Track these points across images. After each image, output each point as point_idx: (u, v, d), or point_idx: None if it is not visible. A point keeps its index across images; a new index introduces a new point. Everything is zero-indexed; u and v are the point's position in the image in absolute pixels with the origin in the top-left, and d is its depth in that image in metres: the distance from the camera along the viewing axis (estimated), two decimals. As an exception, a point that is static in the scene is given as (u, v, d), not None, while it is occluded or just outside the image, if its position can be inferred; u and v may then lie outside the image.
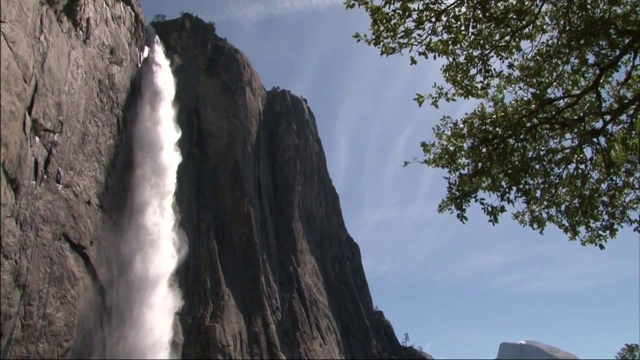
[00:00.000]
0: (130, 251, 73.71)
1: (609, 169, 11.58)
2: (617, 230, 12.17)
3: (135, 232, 76.13)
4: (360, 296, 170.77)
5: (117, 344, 67.25)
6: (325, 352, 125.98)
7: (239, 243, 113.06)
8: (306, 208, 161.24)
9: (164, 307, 77.30)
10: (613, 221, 12.18)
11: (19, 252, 50.04)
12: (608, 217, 12.26)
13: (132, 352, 68.60)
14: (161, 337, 74.38)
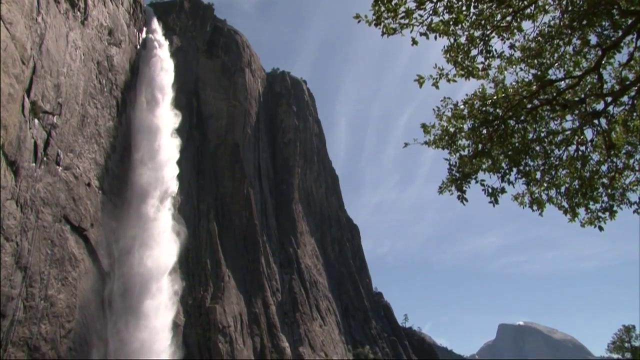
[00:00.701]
0: (130, 234, 73.83)
1: (610, 151, 11.55)
2: (616, 212, 12.18)
3: (135, 216, 76.17)
4: (359, 277, 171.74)
5: (118, 326, 67.74)
6: (325, 333, 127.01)
7: (239, 225, 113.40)
8: (306, 190, 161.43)
9: (165, 291, 77.62)
10: (613, 203, 12.18)
11: (19, 234, 50.16)
12: (608, 199, 12.25)
13: (133, 336, 69.09)
14: (162, 327, 74.80)
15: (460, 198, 12.08)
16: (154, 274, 75.42)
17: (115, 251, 70.22)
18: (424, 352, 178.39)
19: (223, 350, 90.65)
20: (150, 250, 75.69)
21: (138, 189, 78.56)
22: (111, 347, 65.53)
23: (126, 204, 75.78)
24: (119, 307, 68.74)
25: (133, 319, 70.13)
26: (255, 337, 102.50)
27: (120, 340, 67.27)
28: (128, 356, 67.31)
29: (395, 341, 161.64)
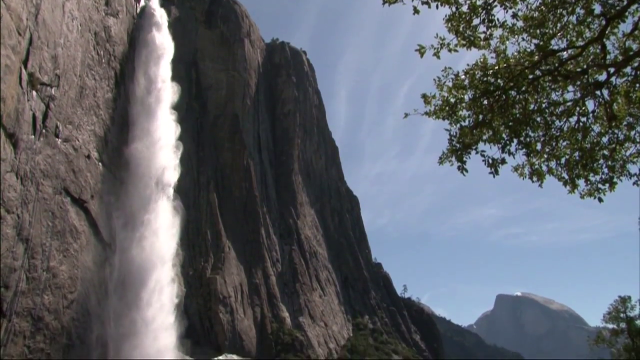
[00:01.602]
0: (130, 209, 73.85)
1: (611, 122, 11.46)
2: (616, 183, 12.15)
3: (134, 191, 76.04)
4: (359, 248, 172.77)
5: (120, 296, 68.36)
6: (324, 303, 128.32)
7: (239, 196, 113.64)
8: (306, 161, 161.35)
9: (166, 265, 78.01)
10: (612, 175, 12.14)
11: (20, 206, 50.29)
12: (608, 171, 12.21)
13: (134, 306, 69.70)
14: (163, 300, 75.34)
15: (461, 169, 12.06)
16: (155, 250, 75.70)
17: (116, 223, 70.41)
18: (423, 322, 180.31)
19: (224, 320, 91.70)
20: (150, 228, 75.87)
21: (136, 164, 78.20)
22: (113, 317, 66.25)
23: (125, 177, 75.64)
24: (121, 278, 69.27)
25: (135, 290, 70.68)
26: (255, 307, 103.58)
27: (123, 311, 67.95)
28: (130, 326, 68.06)
29: (394, 311, 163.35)
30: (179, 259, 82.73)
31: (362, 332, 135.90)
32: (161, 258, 76.48)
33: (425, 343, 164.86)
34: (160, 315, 73.75)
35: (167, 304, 76.14)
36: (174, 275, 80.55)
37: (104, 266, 66.35)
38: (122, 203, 72.69)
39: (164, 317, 74.31)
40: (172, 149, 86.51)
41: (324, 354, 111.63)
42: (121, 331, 66.64)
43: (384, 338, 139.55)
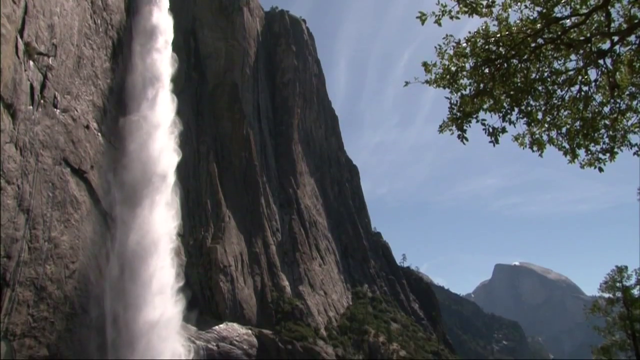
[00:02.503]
0: (129, 179, 73.71)
1: (613, 92, 11.38)
2: (617, 153, 12.12)
3: (135, 159, 75.77)
4: (359, 217, 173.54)
5: (121, 266, 68.83)
6: (324, 272, 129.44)
7: (239, 165, 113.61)
8: (305, 130, 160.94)
9: (167, 234, 78.27)
10: (613, 144, 12.11)
11: (20, 177, 50.33)
12: (609, 141, 12.18)
13: (136, 275, 70.20)
14: (164, 268, 75.83)
15: (461, 137, 12.03)
16: (156, 221, 75.85)
17: (116, 193, 70.44)
18: (421, 291, 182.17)
19: (224, 289, 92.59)
20: (149, 200, 75.88)
21: (135, 135, 77.68)
22: (116, 287, 66.85)
23: (124, 148, 75.25)
24: (123, 248, 69.63)
25: (137, 260, 71.07)
26: (255, 276, 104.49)
27: (125, 281, 68.49)
28: (133, 296, 68.68)
29: (393, 280, 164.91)
30: (180, 229, 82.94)
31: (362, 300, 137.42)
32: (162, 228, 76.73)
33: (424, 311, 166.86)
34: (162, 284, 74.32)
35: (169, 273, 76.70)
36: (175, 246, 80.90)
37: (105, 236, 66.69)
38: (122, 174, 72.63)
39: (166, 287, 74.90)
40: (171, 123, 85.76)
41: (324, 322, 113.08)
42: (123, 301, 67.28)
43: (383, 306, 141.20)
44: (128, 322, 66.88)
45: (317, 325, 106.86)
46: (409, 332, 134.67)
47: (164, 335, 71.68)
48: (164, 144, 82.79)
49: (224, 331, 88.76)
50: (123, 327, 66.09)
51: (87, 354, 59.49)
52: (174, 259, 79.52)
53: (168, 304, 74.86)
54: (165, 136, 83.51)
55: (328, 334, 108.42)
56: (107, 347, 62.87)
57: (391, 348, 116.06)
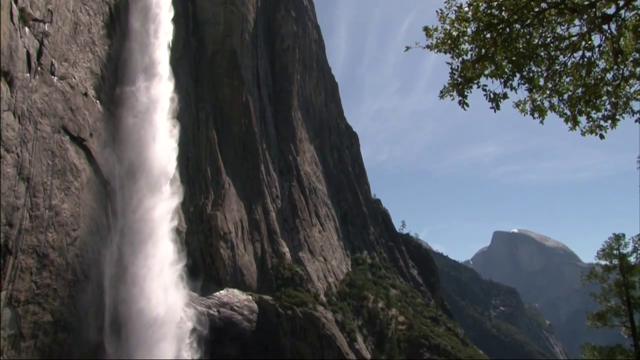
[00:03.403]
0: (129, 143, 73.45)
1: (617, 58, 11.22)
2: (618, 120, 12.01)
3: (133, 124, 75.34)
4: (358, 184, 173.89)
5: (123, 233, 69.18)
6: (324, 239, 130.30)
7: (238, 132, 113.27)
8: (305, 97, 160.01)
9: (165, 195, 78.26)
10: (615, 111, 12.01)
11: (19, 145, 50.27)
12: (611, 107, 12.08)
13: (136, 238, 70.62)
14: (165, 234, 76.10)
15: (462, 103, 11.92)
16: (154, 175, 75.78)
17: (115, 159, 70.30)
18: (420, 257, 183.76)
19: (225, 256, 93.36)
20: (148, 155, 75.63)
21: (133, 101, 76.90)
22: (118, 254, 67.34)
23: (123, 115, 74.64)
24: (122, 211, 69.87)
25: (138, 227, 71.37)
26: (255, 242, 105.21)
27: (126, 248, 68.91)
28: (134, 262, 69.22)
29: (392, 247, 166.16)
30: (180, 195, 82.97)
31: (361, 266, 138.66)
32: (162, 196, 76.81)
33: (423, 278, 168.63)
34: (164, 251, 74.81)
35: (169, 240, 77.13)
36: (175, 213, 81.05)
37: (106, 204, 66.89)
38: (120, 141, 72.35)
39: (167, 253, 75.41)
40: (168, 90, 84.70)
41: (324, 288, 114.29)
42: (125, 267, 67.85)
43: (382, 273, 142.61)
44: (130, 288, 67.51)
45: (316, 291, 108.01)
46: (407, 298, 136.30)
47: (166, 298, 72.52)
48: (162, 123, 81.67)
49: (225, 297, 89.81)
50: (124, 294, 66.75)
51: (89, 319, 60.34)
52: (174, 227, 79.74)
53: (169, 271, 75.53)
54: (163, 114, 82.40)
55: (328, 300, 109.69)
56: (107, 313, 63.63)
57: (390, 314, 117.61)
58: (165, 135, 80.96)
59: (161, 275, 72.58)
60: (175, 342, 72.20)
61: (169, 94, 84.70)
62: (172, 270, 76.59)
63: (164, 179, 78.17)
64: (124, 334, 65.48)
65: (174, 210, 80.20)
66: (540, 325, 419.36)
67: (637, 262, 28.03)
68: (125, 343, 65.15)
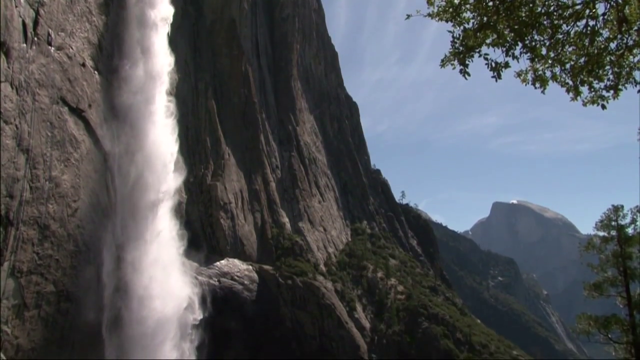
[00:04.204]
0: (127, 119, 72.81)
1: (621, 27, 11.07)
2: (621, 90, 11.91)
3: (132, 93, 74.57)
4: (358, 155, 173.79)
5: (123, 203, 69.26)
6: (323, 209, 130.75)
7: (238, 102, 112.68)
8: (305, 66, 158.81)
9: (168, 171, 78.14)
10: (618, 81, 11.91)
11: (18, 117, 50.05)
12: (613, 78, 11.97)
13: (137, 205, 70.67)
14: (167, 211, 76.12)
15: (463, 72, 11.81)
16: (156, 159, 75.49)
17: (115, 129, 69.91)
18: (420, 227, 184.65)
19: (225, 226, 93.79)
20: (146, 124, 75.11)
21: (131, 70, 75.90)
22: (118, 224, 67.58)
23: (121, 84, 73.90)
24: (124, 186, 69.82)
25: (138, 197, 71.36)
26: (255, 212, 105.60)
27: (127, 219, 69.10)
28: (135, 232, 69.44)
29: (392, 217, 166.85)
30: (181, 173, 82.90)
31: (360, 237, 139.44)
32: (162, 165, 76.64)
33: (422, 248, 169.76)
34: (165, 222, 75.02)
35: (169, 212, 77.24)
36: (177, 185, 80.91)
37: (106, 175, 66.84)
38: (119, 111, 71.82)
39: (166, 225, 75.63)
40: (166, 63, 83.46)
41: (323, 257, 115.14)
42: (126, 237, 68.12)
43: (381, 243, 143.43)
44: (130, 259, 67.88)
45: (316, 260, 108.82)
46: (407, 268, 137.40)
47: (166, 270, 72.92)
48: (161, 94, 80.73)
49: (225, 267, 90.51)
50: (126, 264, 67.15)
51: (92, 290, 60.86)
52: (174, 196, 79.76)
53: (169, 241, 75.82)
54: (162, 89, 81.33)
55: (327, 270, 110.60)
56: (109, 284, 64.05)
57: (389, 283, 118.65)
58: (163, 114, 79.96)
59: (161, 253, 72.72)
60: (176, 320, 72.41)
61: (168, 66, 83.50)
62: (172, 247, 76.87)
63: (164, 160, 77.63)
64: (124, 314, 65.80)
65: (175, 189, 79.95)
66: (537, 295, 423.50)
67: (634, 234, 28.19)
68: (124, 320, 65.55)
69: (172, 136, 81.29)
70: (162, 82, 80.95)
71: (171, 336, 71.20)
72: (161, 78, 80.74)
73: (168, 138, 79.82)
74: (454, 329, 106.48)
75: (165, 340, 70.13)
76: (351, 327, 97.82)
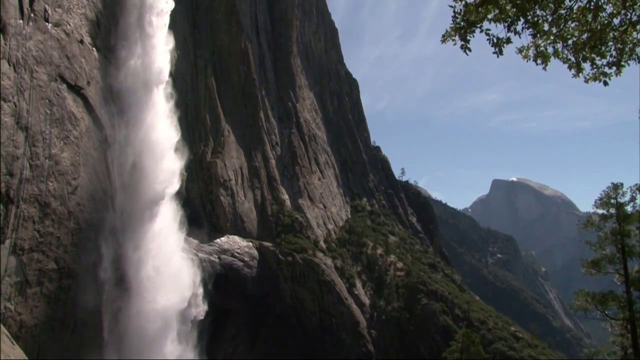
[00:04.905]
0: (126, 92, 72.24)
1: (625, 2, 10.96)
2: (624, 66, 11.83)
3: (130, 71, 73.94)
4: (358, 131, 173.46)
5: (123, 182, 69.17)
6: (323, 186, 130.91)
7: (237, 79, 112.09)
8: (305, 43, 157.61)
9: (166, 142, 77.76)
10: (620, 58, 11.81)
11: (16, 94, 49.78)
12: (616, 54, 11.88)
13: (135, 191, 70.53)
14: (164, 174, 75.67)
15: (464, 48, 11.69)
16: (156, 136, 75.13)
17: (114, 107, 69.47)
18: (419, 204, 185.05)
19: (225, 203, 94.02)
20: (146, 102, 74.54)
21: (128, 46, 74.97)
22: (118, 202, 67.64)
23: (119, 61, 73.14)
24: (124, 165, 69.65)
25: (138, 176, 71.24)
26: (255, 190, 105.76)
27: (127, 197, 69.07)
28: (134, 210, 69.46)
29: (391, 194, 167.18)
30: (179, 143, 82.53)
31: (360, 213, 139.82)
32: (162, 144, 76.37)
33: (422, 225, 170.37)
34: (165, 199, 74.97)
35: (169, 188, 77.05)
36: (178, 165, 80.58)
37: (106, 152, 66.68)
38: (118, 88, 71.30)
39: (166, 201, 75.61)
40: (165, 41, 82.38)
41: (323, 234, 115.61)
42: (126, 216, 68.23)
43: (381, 220, 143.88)
44: (130, 236, 68.05)
45: (316, 237, 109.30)
46: (406, 245, 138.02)
47: (167, 247, 73.22)
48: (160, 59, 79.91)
49: (225, 244, 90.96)
50: (126, 241, 67.36)
51: (94, 267, 61.19)
52: (175, 173, 79.50)
53: (169, 218, 75.91)
54: (162, 54, 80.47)
55: (327, 246, 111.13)
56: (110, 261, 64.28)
57: (389, 260, 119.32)
58: (162, 98, 79.03)
59: (162, 222, 72.86)
60: (178, 310, 72.59)
61: (167, 45, 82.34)
62: (173, 218, 76.97)
63: (162, 146, 76.98)
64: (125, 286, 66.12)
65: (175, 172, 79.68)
66: (536, 272, 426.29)
67: (633, 211, 28.29)
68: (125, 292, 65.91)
69: (172, 121, 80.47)
70: (162, 66, 79.80)
71: (173, 324, 71.59)
72: (161, 62, 79.76)
73: (167, 123, 79.06)
74: (452, 305, 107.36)
75: (167, 330, 70.58)
76: (351, 304, 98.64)
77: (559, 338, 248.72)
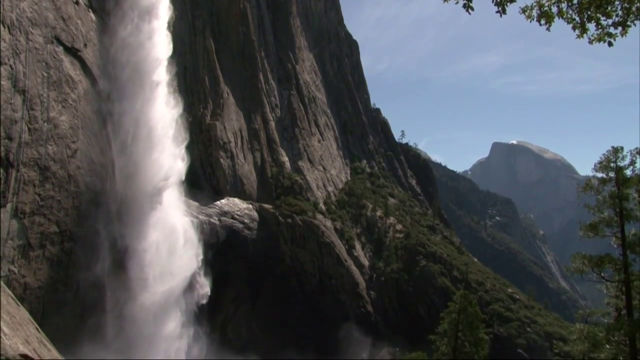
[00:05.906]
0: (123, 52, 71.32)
1: (633, -41, 10.76)
2: (629, 27, 11.63)
3: (127, 32, 72.85)
4: (358, 93, 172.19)
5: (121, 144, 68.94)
6: (323, 148, 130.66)
7: (236, 41, 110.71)
8: (304, 3, 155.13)
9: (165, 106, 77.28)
10: (627, 18, 11.59)
11: (12, 57, 49.24)
12: (622, 13, 11.66)
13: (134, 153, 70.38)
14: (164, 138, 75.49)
15: (466, 6, 11.48)
16: (152, 85, 74.39)
17: (111, 70, 68.75)
18: (419, 167, 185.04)
19: (224, 165, 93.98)
20: (142, 64, 73.65)
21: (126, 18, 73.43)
22: (118, 166, 67.58)
23: (117, 19, 71.94)
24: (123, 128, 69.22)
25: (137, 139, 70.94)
26: (255, 152, 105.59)
27: (126, 160, 68.94)
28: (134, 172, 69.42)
29: (391, 156, 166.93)
30: (179, 106, 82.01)
31: (360, 175, 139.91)
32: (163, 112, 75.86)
33: (421, 187, 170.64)
34: (163, 161, 74.83)
35: (170, 151, 76.91)
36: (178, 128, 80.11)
37: (105, 115, 66.32)
38: (116, 50, 70.41)
39: (167, 163, 75.41)
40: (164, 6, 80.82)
41: (323, 196, 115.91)
42: (125, 177, 68.20)
43: (380, 182, 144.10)
44: (131, 196, 68.12)
45: (316, 199, 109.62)
46: (405, 207, 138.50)
47: (167, 208, 73.48)
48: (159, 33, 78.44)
49: (226, 206, 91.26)
50: (126, 202, 67.45)
51: (95, 229, 61.52)
52: (175, 136, 79.19)
53: (171, 179, 75.79)
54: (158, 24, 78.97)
55: (327, 208, 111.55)
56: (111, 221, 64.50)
57: (388, 222, 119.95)
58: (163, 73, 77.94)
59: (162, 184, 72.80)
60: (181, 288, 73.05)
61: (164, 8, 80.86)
62: (173, 180, 76.91)
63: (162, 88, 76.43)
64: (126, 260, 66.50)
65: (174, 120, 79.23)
66: (534, 235, 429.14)
67: (633, 175, 28.26)
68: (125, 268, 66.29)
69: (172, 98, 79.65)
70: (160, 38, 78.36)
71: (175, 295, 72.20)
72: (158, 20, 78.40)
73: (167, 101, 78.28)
74: (451, 267, 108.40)
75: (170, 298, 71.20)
76: (350, 265, 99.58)
77: (555, 300, 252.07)
